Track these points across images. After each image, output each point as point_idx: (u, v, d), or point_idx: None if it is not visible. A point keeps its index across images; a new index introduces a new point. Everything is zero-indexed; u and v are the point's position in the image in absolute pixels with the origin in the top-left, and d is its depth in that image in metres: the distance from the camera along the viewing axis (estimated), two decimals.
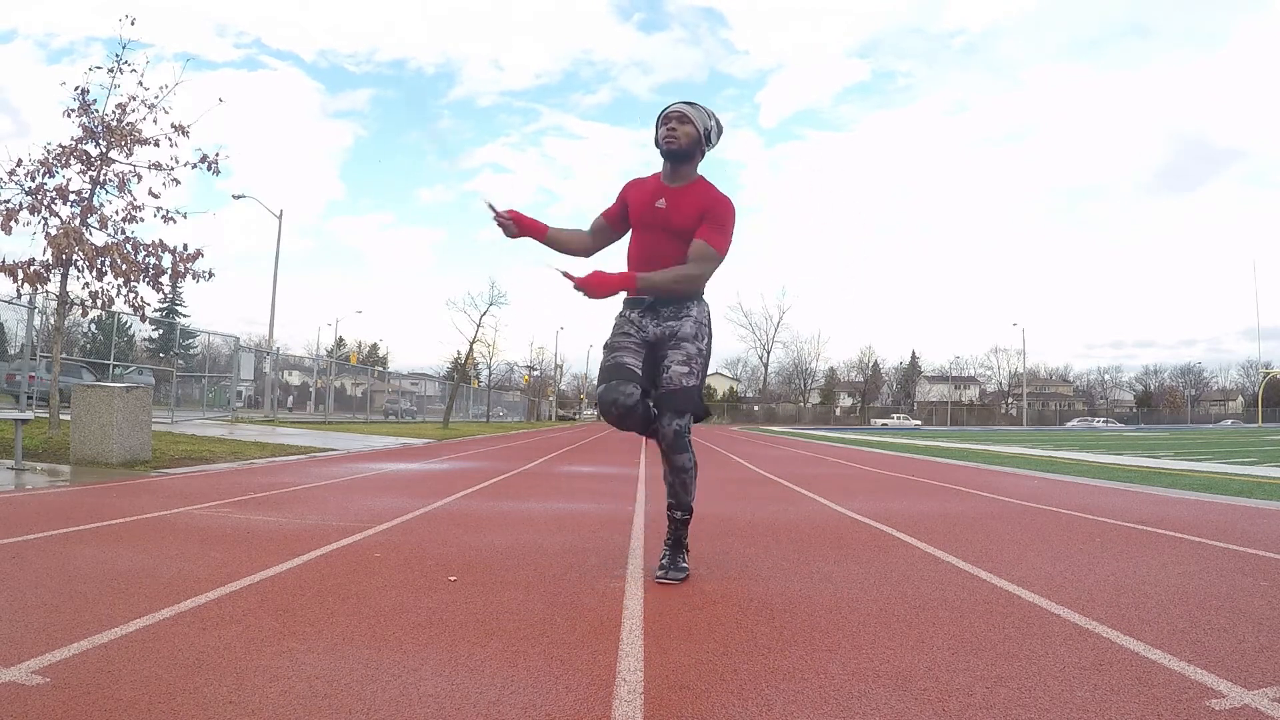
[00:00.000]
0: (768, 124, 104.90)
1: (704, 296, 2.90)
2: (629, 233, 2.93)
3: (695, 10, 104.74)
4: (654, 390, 2.77)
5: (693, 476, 2.84)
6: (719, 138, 2.86)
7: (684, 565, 2.85)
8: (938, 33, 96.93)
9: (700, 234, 2.74)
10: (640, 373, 2.76)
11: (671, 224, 2.75)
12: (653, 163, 2.87)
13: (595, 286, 2.66)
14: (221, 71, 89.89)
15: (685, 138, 2.73)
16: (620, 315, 2.91)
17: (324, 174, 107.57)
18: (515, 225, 2.86)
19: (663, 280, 2.72)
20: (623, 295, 2.82)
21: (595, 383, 2.91)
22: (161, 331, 30.86)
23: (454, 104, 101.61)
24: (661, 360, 2.77)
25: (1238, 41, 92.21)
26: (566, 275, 2.69)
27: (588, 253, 3.01)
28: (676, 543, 2.88)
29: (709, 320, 2.87)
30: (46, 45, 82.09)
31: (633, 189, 2.88)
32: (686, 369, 2.74)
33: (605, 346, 2.88)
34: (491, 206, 2.87)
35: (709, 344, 2.84)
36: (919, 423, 63.62)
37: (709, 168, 2.88)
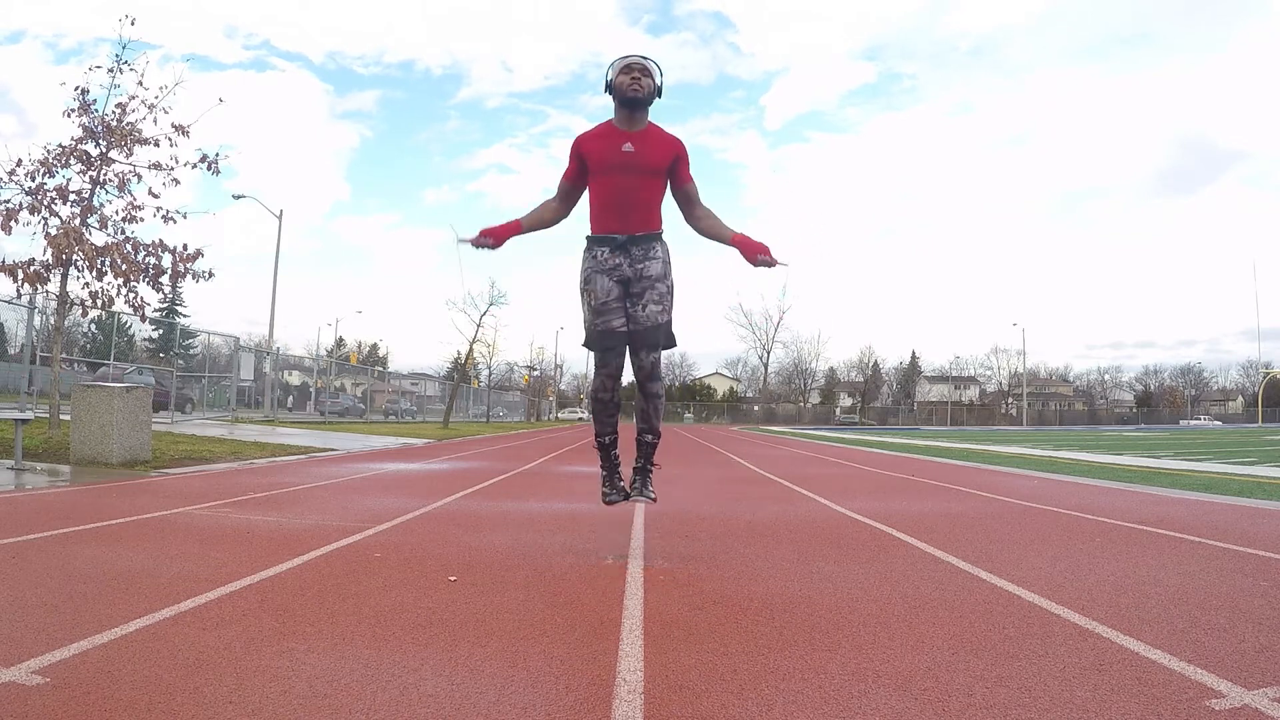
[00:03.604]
0: (772, 126, 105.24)
1: (664, 237, 3.18)
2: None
3: (703, 14, 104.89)
4: (631, 324, 3.09)
5: (663, 404, 3.25)
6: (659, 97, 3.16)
7: (651, 490, 3.23)
8: (945, 35, 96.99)
9: (686, 177, 3.16)
10: (625, 336, 3.09)
11: (644, 164, 3.05)
12: None
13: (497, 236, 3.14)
14: (230, 72, 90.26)
15: (646, 89, 3.03)
16: (592, 255, 3.13)
17: (330, 175, 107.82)
18: (492, 239, 3.16)
19: (728, 228, 3.17)
20: (586, 232, 3.14)
21: (585, 328, 3.19)
22: (161, 331, 30.86)
23: (461, 105, 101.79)
24: (637, 299, 3.08)
25: (1240, 44, 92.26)
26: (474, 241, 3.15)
27: (563, 216, 3.28)
28: (645, 466, 3.25)
29: (670, 258, 3.18)
30: (55, 45, 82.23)
31: (587, 141, 3.11)
32: (660, 307, 3.09)
33: (591, 302, 3.11)
34: (460, 240, 3.18)
35: (673, 280, 3.17)
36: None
37: (708, 168, 2.96)
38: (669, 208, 3.22)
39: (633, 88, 3.00)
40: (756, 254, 3.10)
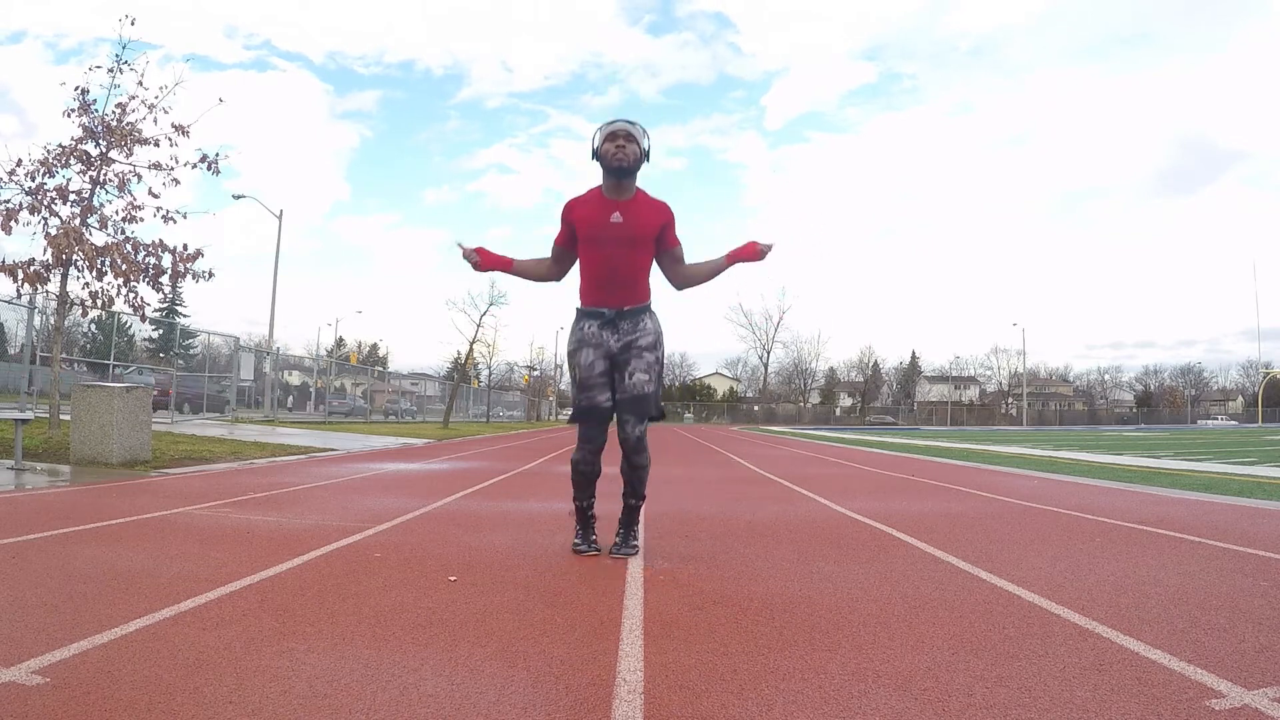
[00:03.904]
0: (773, 126, 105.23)
1: (653, 308, 3.20)
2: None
3: (704, 14, 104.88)
4: (617, 394, 3.09)
5: (648, 473, 3.21)
6: (647, 160, 3.14)
7: (634, 543, 3.24)
8: (945, 35, 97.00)
9: (674, 241, 3.16)
10: (610, 412, 3.10)
11: (633, 235, 3.04)
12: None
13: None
14: (231, 72, 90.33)
15: (632, 156, 3.00)
16: (581, 328, 3.16)
17: (330, 175, 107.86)
18: (479, 259, 3.19)
19: (710, 263, 3.23)
20: (576, 305, 3.17)
21: (572, 401, 3.23)
22: (161, 331, 30.87)
23: (461, 105, 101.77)
24: (624, 368, 3.08)
25: (1240, 44, 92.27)
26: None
27: (555, 278, 3.31)
28: (629, 525, 3.26)
29: (661, 331, 3.19)
30: (55, 46, 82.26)
31: (577, 209, 3.11)
32: (647, 377, 3.08)
33: (576, 376, 3.15)
34: (460, 245, 3.18)
35: (663, 352, 3.18)
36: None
37: (708, 168, 2.95)
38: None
39: (617, 157, 2.98)
40: (754, 252, 3.12)
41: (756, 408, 69.87)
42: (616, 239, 3.03)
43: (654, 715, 1.53)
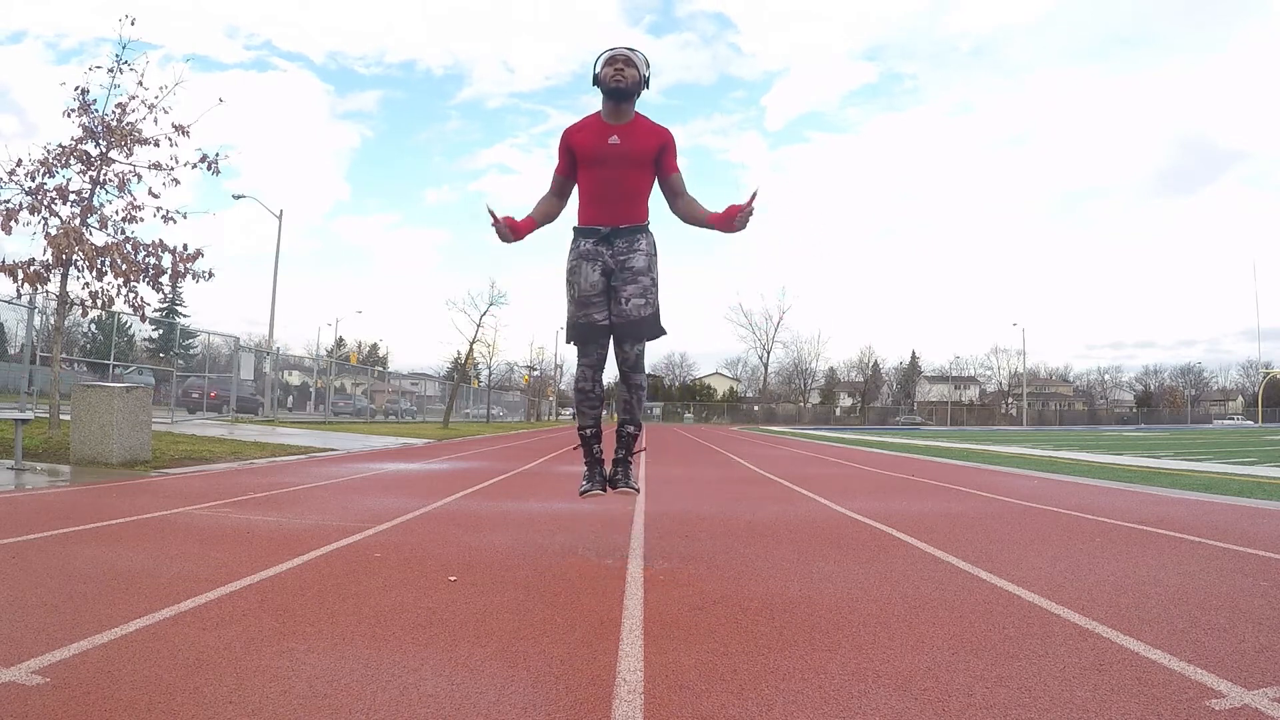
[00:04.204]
0: (773, 126, 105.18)
1: (650, 227, 3.18)
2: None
3: (704, 14, 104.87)
4: (614, 317, 3.09)
5: (645, 395, 3.24)
6: (646, 87, 3.14)
7: (634, 483, 3.23)
8: (945, 35, 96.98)
9: (672, 167, 3.13)
10: (607, 329, 3.10)
11: (631, 156, 3.05)
12: None
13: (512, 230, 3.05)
14: (232, 72, 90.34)
15: (630, 79, 3.02)
16: (577, 245, 3.14)
17: (330, 175, 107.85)
18: (511, 231, 3.10)
19: (704, 210, 3.13)
20: (572, 223, 3.16)
21: (568, 320, 3.19)
22: (161, 331, 30.86)
23: (462, 105, 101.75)
24: (620, 292, 3.08)
25: (1240, 44, 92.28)
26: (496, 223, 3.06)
27: (560, 210, 3.28)
28: (625, 458, 3.25)
29: (656, 249, 3.18)
30: (56, 46, 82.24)
31: (574, 134, 3.12)
32: (643, 300, 3.08)
33: (574, 294, 3.12)
34: (491, 212, 3.08)
35: (658, 271, 3.17)
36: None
37: (709, 168, 2.95)
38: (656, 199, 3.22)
39: (616, 79, 3.00)
40: (732, 220, 3.02)
41: (756, 408, 69.85)
42: (614, 160, 3.04)
43: (654, 715, 1.53)
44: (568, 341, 3.18)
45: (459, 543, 3.52)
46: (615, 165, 3.05)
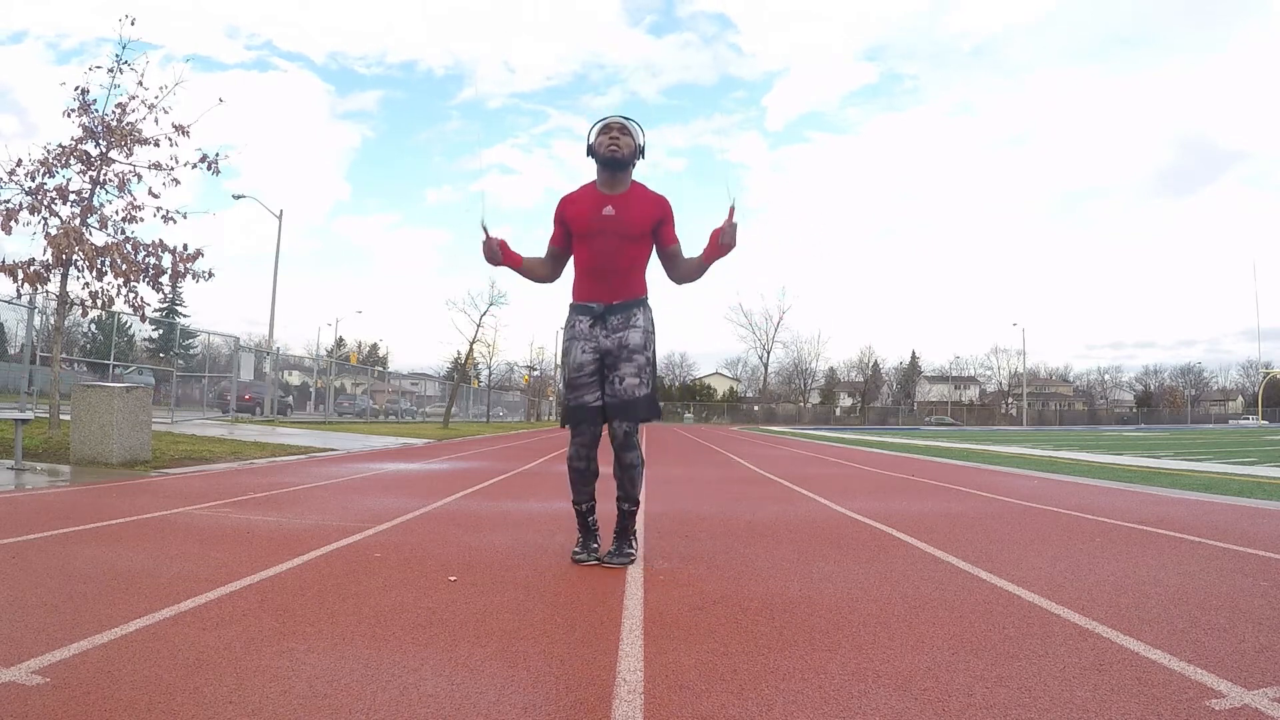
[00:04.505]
0: (774, 127, 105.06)
1: (648, 302, 3.12)
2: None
3: (705, 15, 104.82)
4: (607, 397, 3.01)
5: (640, 473, 3.11)
6: (642, 157, 3.10)
7: (629, 551, 3.11)
8: (946, 35, 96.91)
9: (671, 238, 3.07)
10: (599, 410, 3.03)
11: (626, 229, 2.98)
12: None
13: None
14: (233, 72, 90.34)
15: (626, 148, 2.97)
16: (572, 325, 3.11)
17: (331, 175, 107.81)
18: (500, 254, 3.07)
19: (703, 273, 3.11)
20: (569, 302, 3.12)
21: (562, 403, 3.18)
22: (161, 331, 30.86)
23: (463, 105, 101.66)
24: (614, 371, 3.01)
25: (1240, 44, 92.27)
26: None
27: (551, 279, 3.23)
28: (624, 531, 3.14)
29: (653, 326, 3.12)
30: (56, 46, 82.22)
31: (568, 206, 3.07)
32: (637, 380, 3.00)
33: (566, 378, 3.12)
34: (485, 228, 3.05)
35: (655, 349, 3.11)
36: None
37: (709, 168, 2.93)
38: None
39: (610, 148, 2.94)
40: (719, 245, 2.96)
41: (756, 408, 69.84)
42: (608, 232, 2.97)
43: (654, 715, 1.53)
44: (561, 425, 3.11)
45: (459, 543, 3.52)
46: (610, 238, 2.97)
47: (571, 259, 3.12)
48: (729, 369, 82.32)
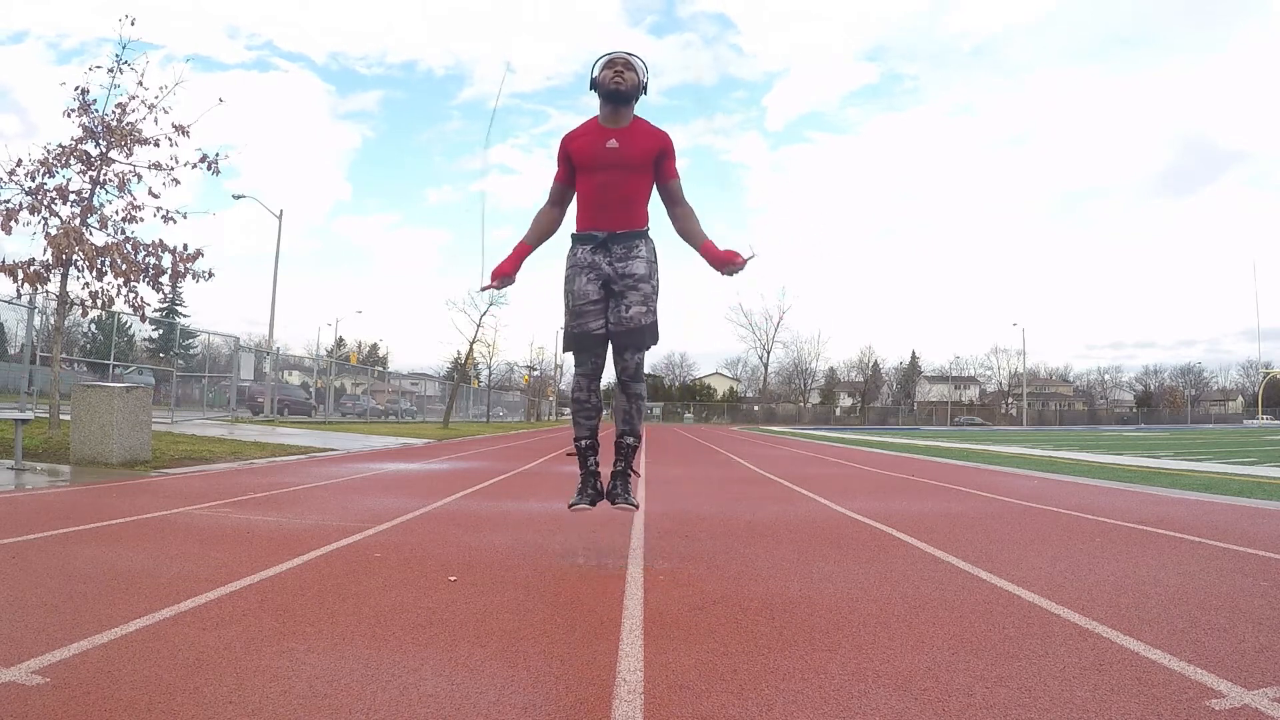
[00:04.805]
0: (774, 127, 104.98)
1: (649, 234, 3.13)
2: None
3: (706, 15, 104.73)
4: (612, 325, 3.05)
5: (644, 406, 3.19)
6: (645, 93, 3.13)
7: (633, 499, 3.15)
8: (947, 35, 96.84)
9: (671, 173, 3.08)
10: (603, 339, 3.06)
11: (628, 160, 3.01)
12: None
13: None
14: (233, 73, 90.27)
15: (629, 83, 3.00)
16: (574, 254, 3.11)
17: (331, 175, 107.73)
18: (507, 273, 3.10)
19: (701, 233, 3.08)
20: (571, 230, 3.11)
21: (564, 329, 3.17)
22: (161, 331, 30.86)
23: (463, 105, 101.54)
24: (620, 299, 3.03)
25: (1240, 45, 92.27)
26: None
27: (559, 221, 3.22)
28: (626, 469, 3.18)
29: (656, 256, 3.13)
30: (57, 46, 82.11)
31: (573, 140, 3.09)
32: (644, 308, 3.04)
33: (567, 305, 3.09)
34: (484, 289, 3.16)
35: (658, 279, 3.12)
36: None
37: (710, 168, 2.93)
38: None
39: (614, 81, 2.98)
40: (724, 264, 2.99)
41: (756, 408, 69.84)
42: (612, 164, 3.00)
43: (654, 715, 1.53)
44: (564, 350, 3.14)
45: (459, 543, 3.52)
46: (613, 170, 3.01)
47: (576, 193, 3.14)
48: (729, 369, 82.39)
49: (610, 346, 3.10)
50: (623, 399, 3.15)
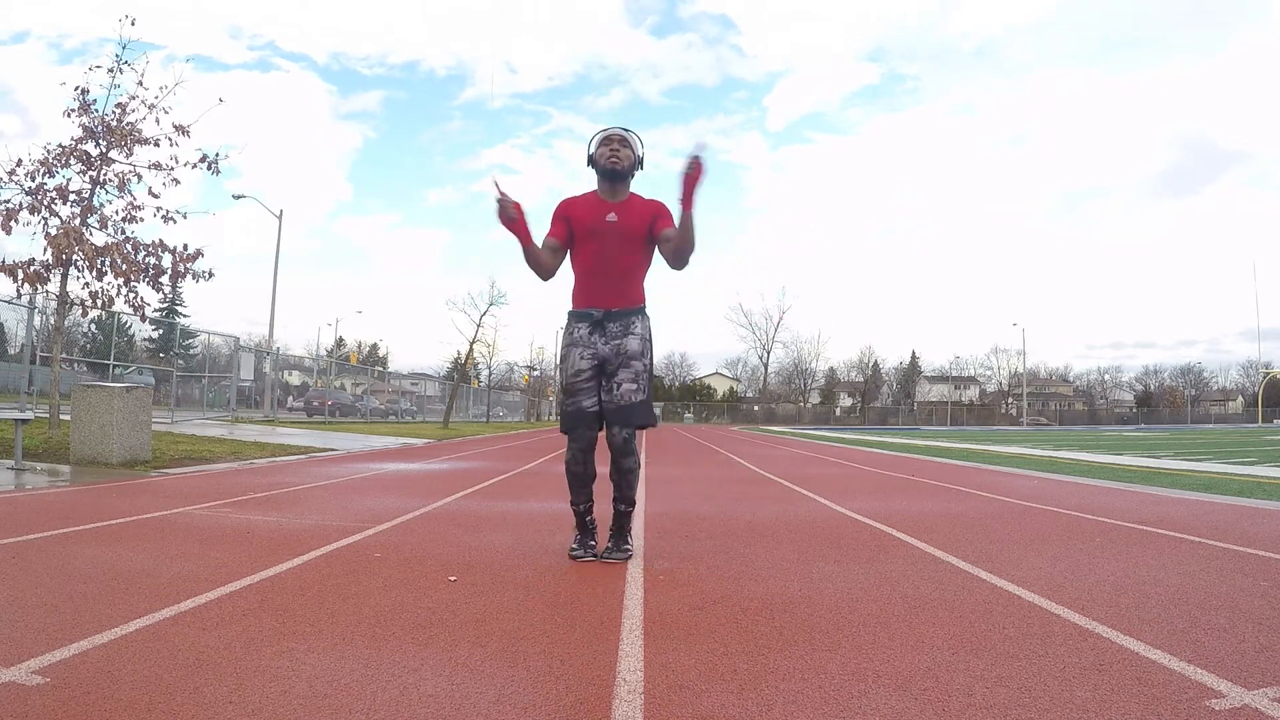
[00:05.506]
0: (775, 127, 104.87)
1: (646, 311, 3.18)
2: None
3: (708, 16, 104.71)
4: (604, 403, 3.07)
5: (637, 476, 3.19)
6: (640, 168, 3.17)
7: (627, 547, 3.18)
8: (947, 36, 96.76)
9: (664, 225, 3.08)
10: (597, 416, 3.08)
11: (628, 232, 3.07)
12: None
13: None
14: (235, 73, 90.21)
15: (625, 160, 3.07)
16: (570, 331, 3.16)
17: (333, 175, 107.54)
18: (515, 216, 3.00)
19: (691, 232, 2.99)
20: (568, 308, 3.17)
21: (559, 408, 3.24)
22: (161, 331, 30.86)
23: (465, 105, 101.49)
24: (612, 377, 3.06)
25: (1240, 45, 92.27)
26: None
27: (549, 274, 3.20)
28: (620, 530, 3.21)
29: (651, 334, 3.17)
30: (58, 46, 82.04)
31: (573, 207, 3.13)
32: (635, 386, 3.06)
33: (564, 384, 3.16)
34: (498, 184, 3.01)
35: (652, 357, 3.17)
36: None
37: (710, 169, 2.89)
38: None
39: (611, 159, 3.04)
40: (684, 172, 2.83)
41: (756, 408, 69.84)
42: (610, 237, 3.06)
43: (654, 715, 1.53)
44: (561, 430, 3.15)
45: (459, 543, 3.52)
46: (611, 242, 3.06)
47: (571, 265, 3.16)
48: (729, 369, 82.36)
49: (604, 422, 3.11)
50: (614, 472, 3.14)
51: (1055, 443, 19.55)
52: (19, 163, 8.52)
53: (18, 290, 8.62)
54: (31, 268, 8.40)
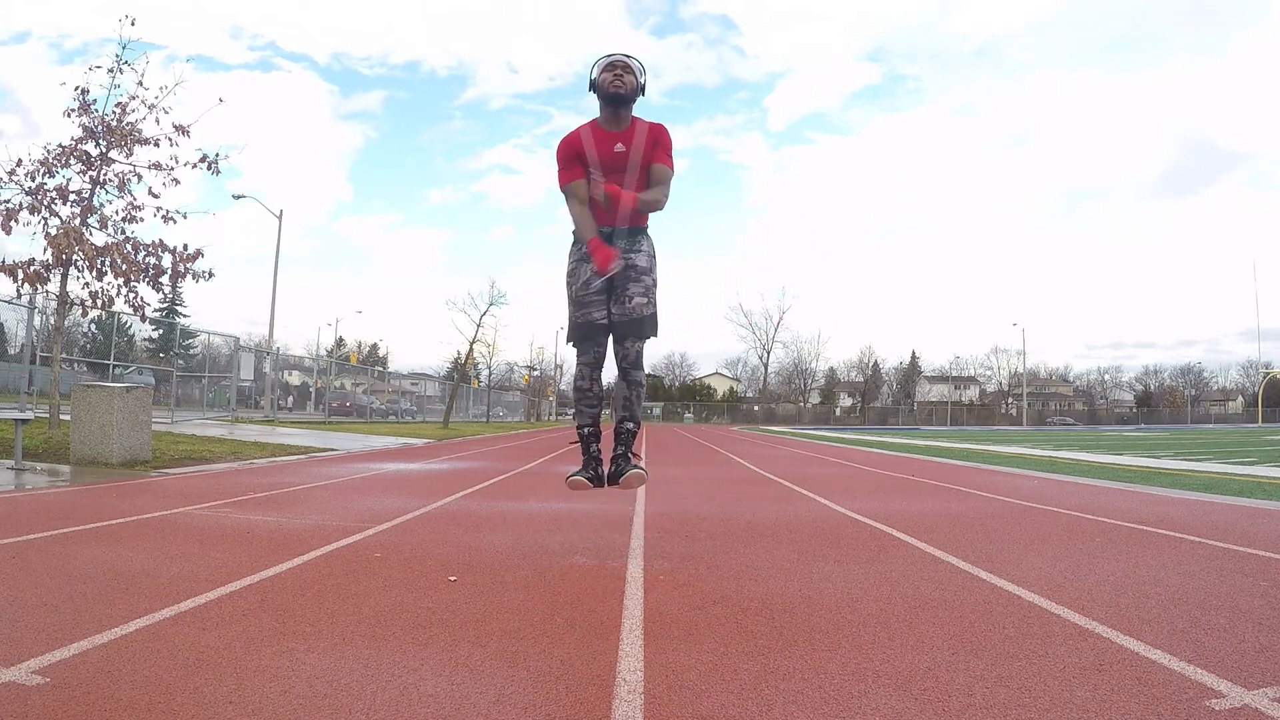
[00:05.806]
0: (775, 127, 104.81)
1: (649, 230, 3.25)
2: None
3: (709, 16, 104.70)
4: (615, 315, 3.14)
5: (644, 390, 3.29)
6: (642, 94, 3.19)
7: (637, 464, 3.19)
8: (948, 36, 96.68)
9: (656, 159, 3.12)
10: (605, 329, 3.14)
11: (635, 161, 3.11)
12: None
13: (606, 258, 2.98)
14: (236, 73, 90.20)
15: (629, 86, 3.08)
16: (578, 248, 3.17)
17: (333, 175, 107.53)
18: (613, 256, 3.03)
19: (649, 200, 3.07)
20: (572, 229, 3.19)
21: (568, 320, 3.24)
22: (161, 331, 30.86)
23: (466, 105, 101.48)
24: (622, 289, 3.13)
25: (1241, 46, 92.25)
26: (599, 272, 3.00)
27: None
28: (627, 452, 3.26)
29: (655, 252, 3.26)
30: (59, 46, 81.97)
31: (583, 144, 3.12)
32: (645, 299, 3.16)
33: (571, 296, 3.17)
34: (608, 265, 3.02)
35: (658, 273, 3.25)
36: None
37: (711, 169, 2.94)
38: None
39: (615, 84, 3.06)
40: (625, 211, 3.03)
41: (756, 408, 69.84)
42: (620, 168, 3.11)
43: (654, 715, 1.53)
44: (568, 342, 3.21)
45: (459, 543, 3.52)
46: (621, 173, 3.11)
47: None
48: (729, 369, 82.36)
49: (612, 336, 3.19)
50: (623, 386, 3.25)
51: (1055, 443, 19.54)
52: (19, 163, 8.53)
53: (18, 290, 8.62)
54: (31, 268, 8.40)
